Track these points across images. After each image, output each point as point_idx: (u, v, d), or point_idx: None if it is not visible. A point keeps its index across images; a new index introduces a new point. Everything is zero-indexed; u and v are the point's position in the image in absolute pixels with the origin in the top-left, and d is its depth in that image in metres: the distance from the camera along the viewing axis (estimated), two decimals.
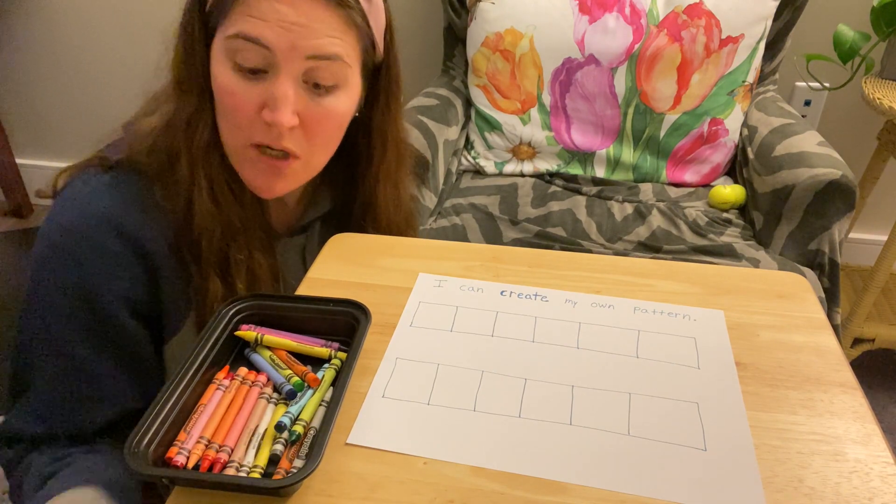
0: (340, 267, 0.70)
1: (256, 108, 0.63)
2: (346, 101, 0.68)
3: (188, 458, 0.48)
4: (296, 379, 0.55)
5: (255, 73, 0.62)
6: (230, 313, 0.59)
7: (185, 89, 0.66)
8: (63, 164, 0.72)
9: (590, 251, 1.32)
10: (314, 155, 0.69)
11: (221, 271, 0.69)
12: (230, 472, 0.48)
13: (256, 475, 0.48)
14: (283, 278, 0.76)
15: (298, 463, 0.48)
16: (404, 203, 0.82)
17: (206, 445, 0.49)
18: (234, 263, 0.70)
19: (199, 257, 0.68)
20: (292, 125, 0.64)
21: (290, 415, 0.51)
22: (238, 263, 0.70)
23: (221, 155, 0.68)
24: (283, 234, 0.79)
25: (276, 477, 0.47)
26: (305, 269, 0.74)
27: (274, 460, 0.49)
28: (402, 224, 0.82)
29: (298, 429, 0.50)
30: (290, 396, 0.54)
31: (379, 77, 0.73)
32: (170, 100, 0.67)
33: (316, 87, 0.64)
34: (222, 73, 0.63)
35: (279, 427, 0.50)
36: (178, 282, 0.68)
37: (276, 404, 0.54)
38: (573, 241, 1.36)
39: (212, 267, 0.69)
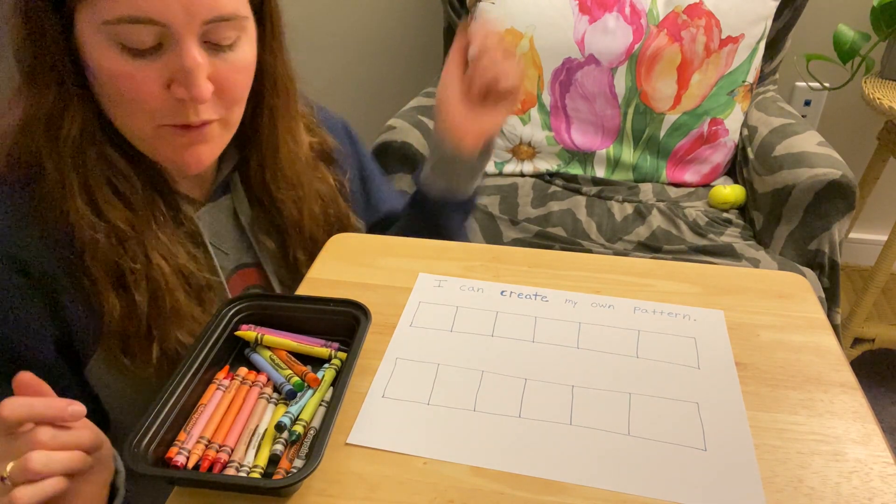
0: (340, 267, 0.70)
1: (161, 86, 0.57)
2: (249, 51, 0.62)
3: (188, 458, 0.48)
4: (296, 379, 0.55)
5: (150, 50, 0.56)
6: (230, 313, 0.59)
7: (39, 80, 0.57)
8: None
9: (590, 251, 1.32)
10: (231, 113, 0.63)
11: (115, 285, 0.61)
12: (230, 472, 0.48)
13: (256, 475, 0.48)
14: (215, 247, 0.70)
15: (298, 463, 0.48)
16: (303, 151, 0.75)
17: (206, 445, 0.49)
18: (128, 274, 0.61)
19: (88, 273, 0.60)
20: (210, 93, 0.58)
21: (290, 415, 0.51)
22: (134, 273, 0.61)
23: (99, 150, 0.60)
24: (204, 200, 0.71)
25: (276, 477, 0.47)
26: (241, 229, 0.72)
27: (274, 460, 0.49)
28: (306, 170, 0.75)
29: (298, 429, 0.50)
30: (290, 396, 0.54)
31: (263, 7, 0.65)
32: (21, 95, 0.59)
33: (217, 45, 0.58)
34: (107, 58, 0.55)
35: (279, 427, 0.50)
36: (78, 300, 0.61)
37: (276, 404, 0.54)
38: (573, 241, 1.36)
39: (102, 282, 0.60)
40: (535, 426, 0.51)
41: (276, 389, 0.55)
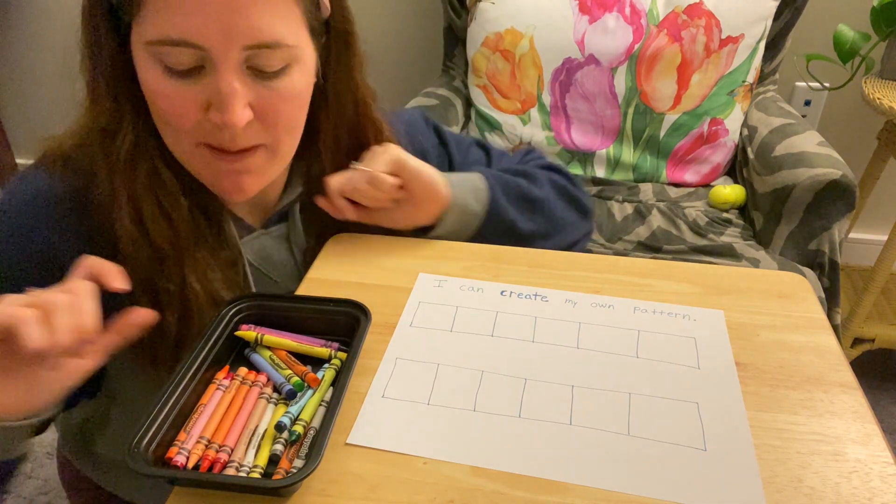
0: (340, 267, 0.70)
1: (201, 109, 0.56)
2: (300, 78, 0.60)
3: (188, 458, 0.48)
4: (296, 379, 0.55)
5: (192, 72, 0.55)
6: (230, 313, 0.59)
7: (98, 94, 0.59)
8: None
9: (590, 251, 1.32)
10: (280, 143, 0.62)
11: (149, 302, 0.61)
12: (230, 472, 0.48)
13: (256, 475, 0.48)
14: (264, 274, 0.70)
15: (298, 463, 0.48)
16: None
17: (206, 445, 0.49)
18: (162, 293, 0.61)
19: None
20: (247, 121, 0.57)
21: (290, 415, 0.51)
22: (168, 293, 0.61)
23: (150, 166, 0.61)
24: (258, 226, 0.71)
25: (275, 477, 0.47)
26: (294, 259, 0.73)
27: (274, 460, 0.49)
28: None
29: (298, 429, 0.50)
30: (289, 396, 0.54)
31: (329, 33, 0.64)
32: (84, 108, 0.61)
33: (262, 71, 0.57)
34: (151, 78, 0.56)
35: (279, 427, 0.50)
36: (111, 308, 0.58)
37: (275, 404, 0.54)
38: None
39: (137, 297, 0.60)
40: (535, 426, 0.51)
41: (276, 389, 0.55)
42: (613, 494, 0.46)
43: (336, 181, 0.69)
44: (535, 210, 0.79)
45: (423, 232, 0.75)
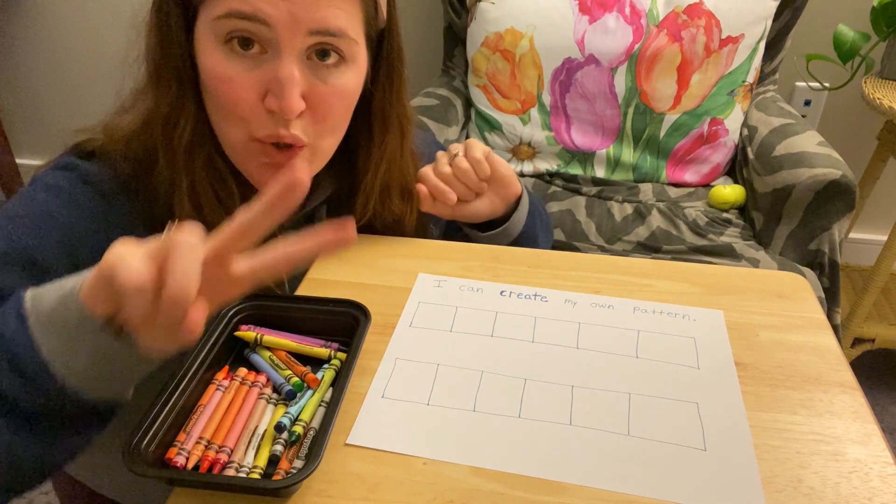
0: (340, 267, 0.70)
1: (258, 97, 0.58)
2: (353, 78, 0.62)
3: (188, 458, 0.48)
4: (295, 379, 0.55)
5: (253, 56, 0.57)
6: (230, 313, 0.59)
7: (163, 80, 0.59)
8: None
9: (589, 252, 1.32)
10: (322, 140, 0.63)
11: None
12: (230, 472, 0.48)
13: (256, 476, 0.48)
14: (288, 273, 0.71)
15: (298, 463, 0.48)
16: (409, 186, 0.76)
17: (206, 446, 0.49)
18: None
19: None
20: (300, 110, 0.58)
21: (289, 415, 0.51)
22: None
23: (207, 154, 0.62)
24: (285, 225, 0.73)
25: (275, 477, 0.47)
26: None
27: (273, 461, 0.49)
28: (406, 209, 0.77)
29: (298, 429, 0.50)
30: (289, 397, 0.54)
31: (381, 47, 0.66)
32: (146, 94, 0.61)
33: (321, 62, 0.58)
34: (214, 60, 0.57)
35: (279, 427, 0.50)
36: None
37: (275, 405, 0.54)
38: (571, 246, 1.37)
39: None
40: (534, 426, 0.51)
41: (275, 390, 0.55)
42: (613, 494, 0.46)
43: (434, 170, 0.75)
44: (541, 220, 0.87)
45: (489, 228, 0.81)
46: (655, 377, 0.56)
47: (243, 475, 0.48)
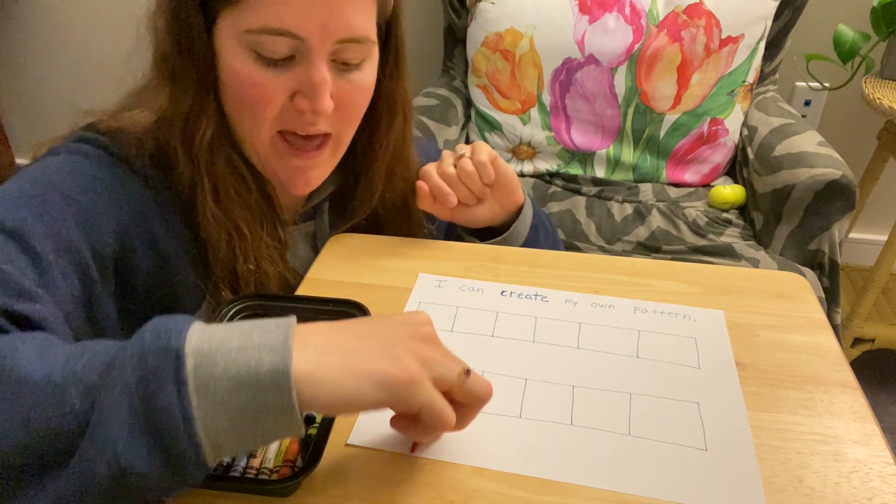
0: (340, 267, 0.70)
1: (286, 96, 0.60)
2: (372, 73, 0.65)
3: None
4: None
5: (282, 62, 0.58)
6: (230, 313, 0.59)
7: (180, 80, 0.60)
8: None
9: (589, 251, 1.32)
10: (345, 133, 0.66)
11: (228, 285, 0.64)
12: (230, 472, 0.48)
13: (265, 475, 0.48)
14: (293, 269, 0.72)
15: (298, 463, 0.48)
16: (412, 176, 0.77)
17: None
18: (241, 275, 0.64)
19: (207, 268, 0.63)
20: (331, 109, 0.61)
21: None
22: (247, 275, 0.64)
23: (227, 156, 0.63)
24: (289, 222, 0.73)
25: (276, 477, 0.47)
26: (315, 257, 0.73)
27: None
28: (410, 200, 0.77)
29: (312, 431, 0.50)
30: None
31: (389, 35, 0.68)
32: (159, 93, 0.61)
33: (345, 64, 0.61)
34: (241, 64, 0.58)
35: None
36: (189, 275, 0.63)
37: None
38: (570, 246, 1.37)
39: (220, 280, 0.63)
40: (535, 426, 0.51)
41: None
42: (614, 495, 0.46)
43: (438, 169, 0.74)
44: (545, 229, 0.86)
45: (488, 235, 0.79)
46: (656, 377, 0.56)
47: (250, 475, 0.47)
